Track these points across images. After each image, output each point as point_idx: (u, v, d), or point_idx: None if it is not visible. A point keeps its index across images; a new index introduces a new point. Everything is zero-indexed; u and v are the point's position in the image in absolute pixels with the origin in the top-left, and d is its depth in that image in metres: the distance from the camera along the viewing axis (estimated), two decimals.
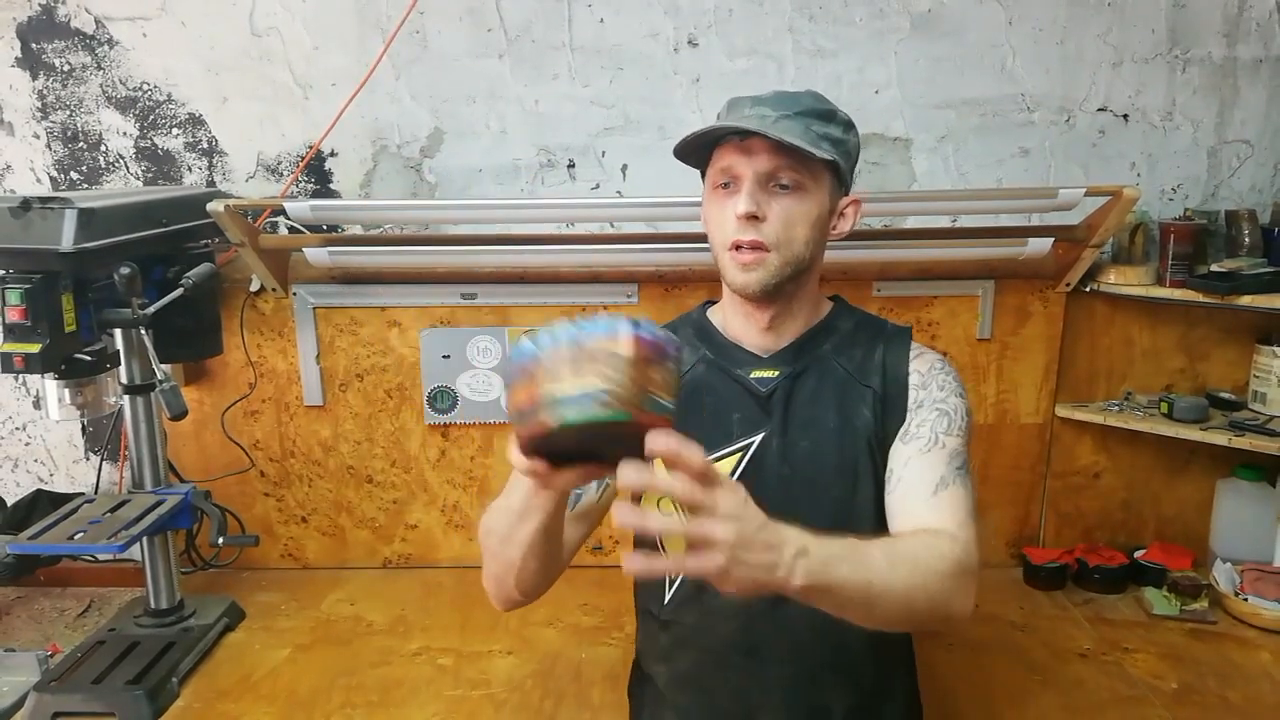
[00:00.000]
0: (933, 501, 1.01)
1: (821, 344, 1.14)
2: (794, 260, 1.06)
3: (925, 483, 1.02)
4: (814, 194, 1.05)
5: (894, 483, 1.06)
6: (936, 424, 1.07)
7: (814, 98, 1.08)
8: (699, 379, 1.15)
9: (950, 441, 1.06)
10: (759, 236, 1.04)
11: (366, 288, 1.74)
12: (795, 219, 1.05)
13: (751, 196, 1.03)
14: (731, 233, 1.05)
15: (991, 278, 1.71)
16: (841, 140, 1.08)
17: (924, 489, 1.02)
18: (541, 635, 1.58)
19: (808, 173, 1.04)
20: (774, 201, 1.04)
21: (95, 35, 1.71)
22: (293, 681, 1.44)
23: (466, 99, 1.73)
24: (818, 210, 1.06)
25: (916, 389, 1.11)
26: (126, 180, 1.79)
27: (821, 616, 1.07)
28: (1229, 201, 1.76)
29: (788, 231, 1.04)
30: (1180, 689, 1.39)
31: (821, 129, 1.05)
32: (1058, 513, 1.83)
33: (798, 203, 1.04)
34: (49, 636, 1.64)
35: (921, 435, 1.07)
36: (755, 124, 1.03)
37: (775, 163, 1.03)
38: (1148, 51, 1.70)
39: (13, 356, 1.29)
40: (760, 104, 1.06)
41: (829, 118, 1.07)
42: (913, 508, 1.02)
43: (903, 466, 1.06)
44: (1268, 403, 1.67)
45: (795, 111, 1.04)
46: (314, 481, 1.83)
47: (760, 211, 1.03)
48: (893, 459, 1.08)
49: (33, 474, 1.90)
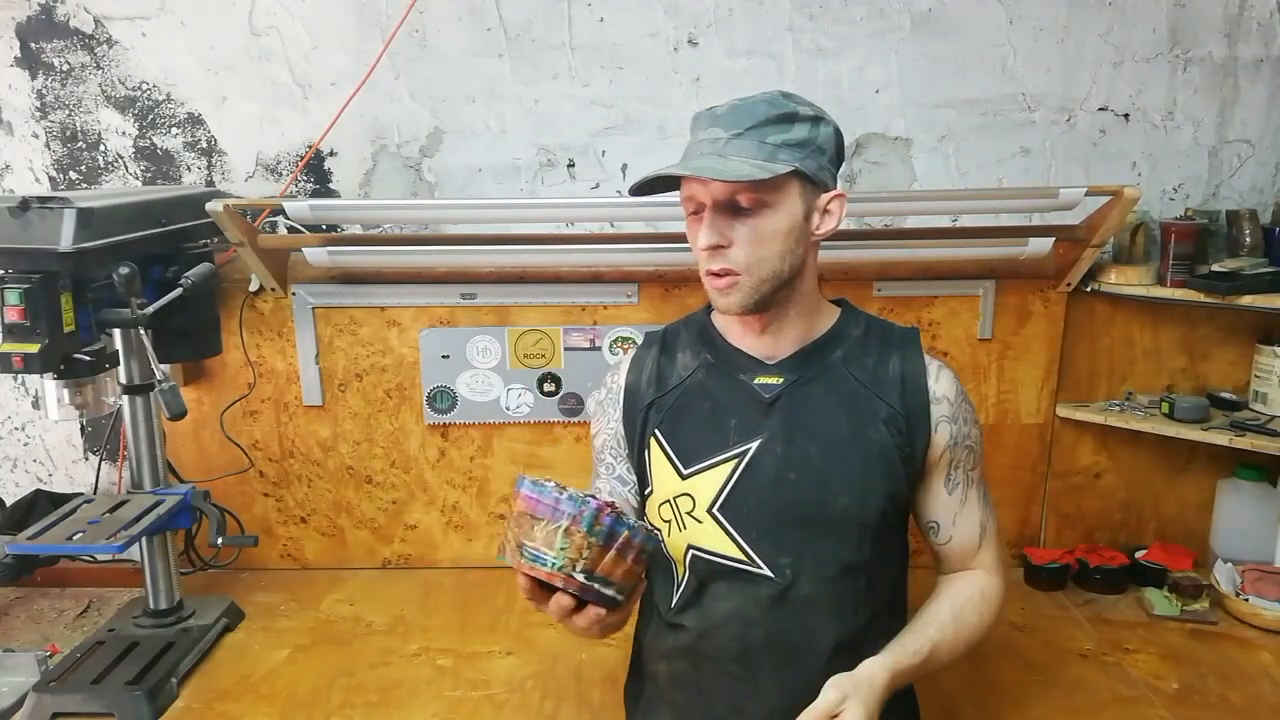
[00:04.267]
0: (981, 553, 1.18)
1: (832, 352, 1.13)
2: (770, 277, 1.05)
3: (973, 537, 1.18)
4: (780, 207, 1.03)
5: (944, 538, 1.18)
6: (966, 464, 1.16)
7: (769, 103, 1.03)
8: (698, 383, 1.15)
9: (976, 476, 1.18)
10: (726, 264, 1.04)
11: (366, 288, 1.74)
12: (762, 238, 1.03)
13: (713, 227, 1.03)
14: (703, 261, 1.06)
15: (992, 277, 1.71)
16: (806, 140, 1.03)
17: (973, 544, 1.18)
18: (541, 636, 1.58)
19: (768, 189, 1.01)
20: (737, 225, 1.03)
21: (94, 35, 1.71)
22: (292, 682, 1.44)
23: (466, 98, 1.73)
24: (788, 222, 1.04)
25: (949, 422, 1.13)
26: (125, 180, 1.78)
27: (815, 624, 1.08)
28: (1230, 201, 1.76)
29: (756, 252, 1.04)
30: (1181, 689, 1.39)
31: (779, 137, 1.02)
32: (1058, 513, 1.83)
33: (762, 221, 1.03)
34: (48, 637, 1.64)
35: (958, 482, 1.16)
36: (706, 149, 1.02)
37: (731, 188, 1.01)
38: (1149, 51, 1.70)
39: (12, 356, 1.29)
40: (715, 123, 1.04)
41: (788, 121, 1.03)
42: (964, 560, 1.19)
43: (951, 525, 1.17)
44: (1269, 403, 1.67)
45: (748, 127, 1.02)
46: (313, 482, 1.83)
47: (724, 239, 1.03)
48: (937, 509, 1.17)
49: (31, 474, 1.90)
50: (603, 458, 1.23)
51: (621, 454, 1.20)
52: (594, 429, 1.26)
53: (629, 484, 1.20)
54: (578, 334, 1.75)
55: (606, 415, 1.22)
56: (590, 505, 0.92)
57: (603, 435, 1.23)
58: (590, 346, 1.76)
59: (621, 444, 1.20)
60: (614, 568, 0.92)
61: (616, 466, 1.21)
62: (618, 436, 1.20)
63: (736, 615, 1.08)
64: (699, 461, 1.11)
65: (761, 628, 1.08)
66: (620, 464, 1.21)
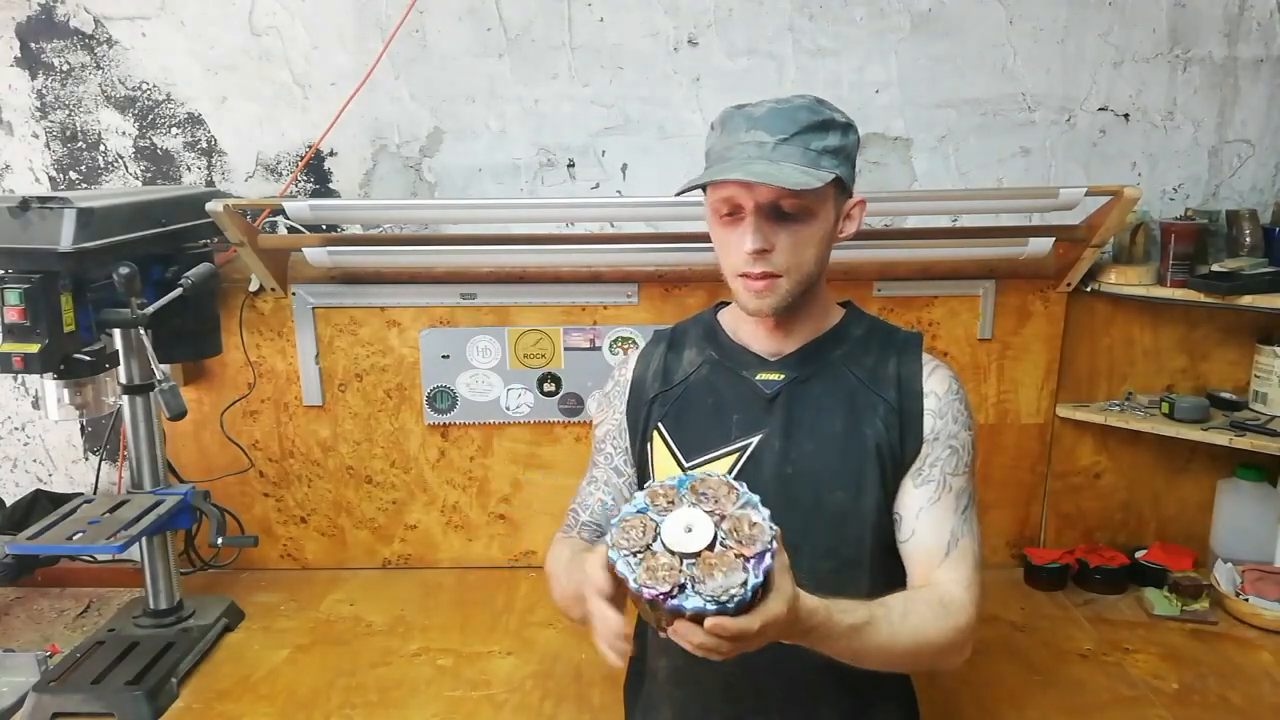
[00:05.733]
0: (945, 564, 1.06)
1: (832, 350, 1.14)
2: (805, 280, 1.06)
3: (939, 543, 1.07)
4: (820, 213, 1.04)
5: (907, 532, 1.09)
6: (946, 464, 1.09)
7: (809, 109, 1.03)
8: (703, 379, 1.16)
9: (956, 482, 1.09)
10: (769, 268, 1.04)
11: (366, 288, 1.74)
12: (803, 243, 1.04)
13: (758, 232, 1.02)
14: (742, 265, 1.05)
15: (992, 277, 1.71)
16: (841, 146, 1.05)
17: (938, 550, 1.07)
18: (541, 636, 1.58)
19: (811, 196, 1.02)
20: (780, 230, 1.03)
21: (94, 35, 1.71)
22: (292, 682, 1.44)
23: (466, 98, 1.73)
24: (824, 228, 1.05)
25: (933, 415, 1.11)
26: (125, 180, 1.78)
27: None
28: (1230, 201, 1.76)
29: (797, 256, 1.04)
30: (1181, 689, 1.39)
31: (820, 143, 1.02)
32: (1058, 513, 1.82)
33: (805, 226, 1.04)
34: (48, 637, 1.64)
35: (932, 478, 1.09)
36: (754, 153, 1.01)
37: (776, 193, 1.01)
38: (1149, 51, 1.70)
39: (12, 356, 1.29)
40: (755, 126, 1.03)
41: (826, 128, 1.03)
42: (926, 568, 1.07)
43: (914, 518, 1.08)
44: (1268, 403, 1.67)
45: (794, 132, 1.01)
46: (313, 482, 1.83)
47: (768, 243, 1.03)
48: (903, 500, 1.10)
49: (31, 474, 1.90)
50: (603, 448, 1.24)
51: (622, 445, 1.21)
52: (597, 420, 1.27)
53: (624, 476, 1.21)
54: (578, 334, 1.75)
55: (612, 406, 1.23)
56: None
57: (606, 425, 1.24)
58: (590, 346, 1.76)
59: (623, 435, 1.21)
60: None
61: (615, 457, 1.22)
62: (621, 428, 1.21)
63: None
64: (701, 455, 1.12)
65: None
66: (619, 455, 1.21)
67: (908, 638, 0.97)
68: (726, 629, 0.79)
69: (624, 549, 0.84)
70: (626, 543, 0.85)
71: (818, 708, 1.09)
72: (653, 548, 0.84)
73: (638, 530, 0.85)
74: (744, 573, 0.81)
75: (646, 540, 0.85)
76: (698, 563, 0.82)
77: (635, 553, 0.84)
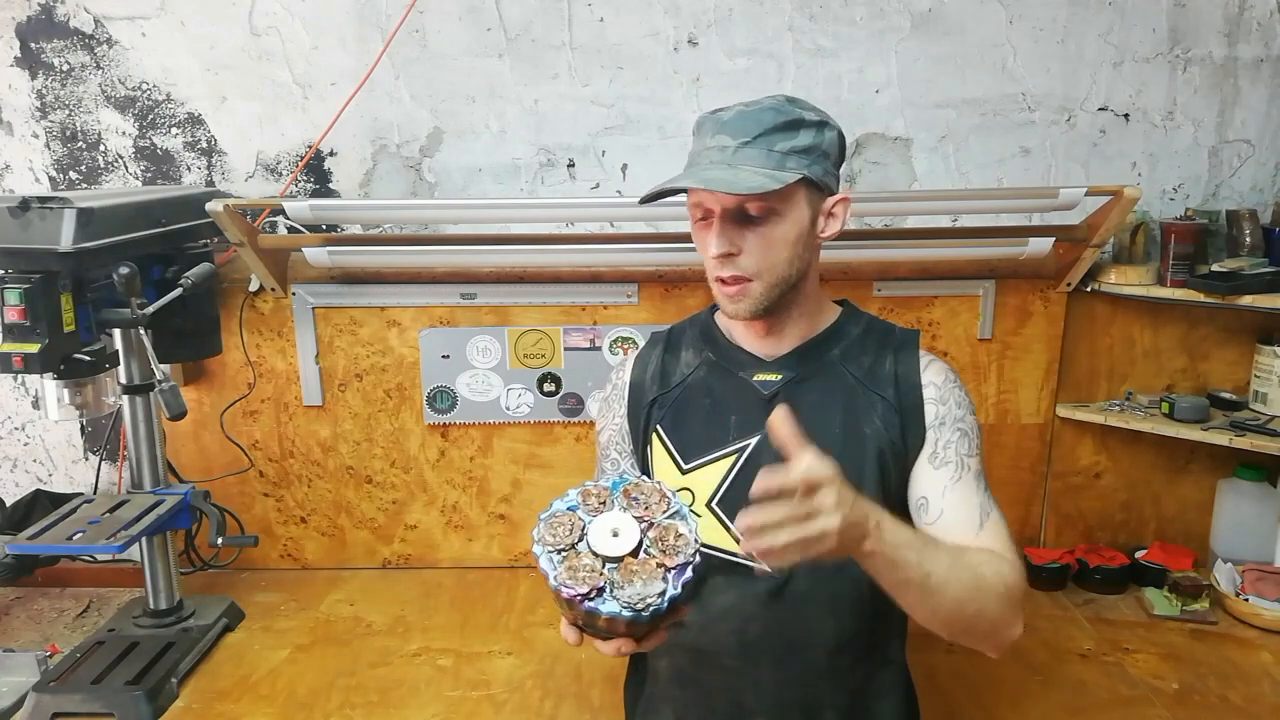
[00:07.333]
0: (982, 535, 1.05)
1: (829, 350, 1.14)
2: (779, 282, 1.06)
3: (970, 516, 1.06)
4: (788, 214, 1.03)
5: (935, 513, 1.07)
6: (960, 446, 1.09)
7: (776, 110, 1.03)
8: (700, 380, 1.16)
9: (973, 464, 1.09)
10: (737, 271, 1.04)
11: (366, 287, 1.74)
12: (772, 245, 1.04)
13: (723, 236, 1.03)
14: (713, 268, 1.06)
15: (992, 277, 1.71)
16: (812, 146, 1.04)
17: (971, 523, 1.06)
18: (541, 635, 1.58)
19: (776, 198, 1.01)
20: (747, 233, 1.03)
21: (94, 35, 1.71)
22: (292, 682, 1.44)
23: (466, 98, 1.73)
24: (795, 229, 1.04)
25: (935, 403, 1.10)
26: (125, 180, 1.78)
27: (814, 618, 1.07)
28: (1230, 201, 1.76)
29: (767, 259, 1.04)
30: (1181, 689, 1.39)
31: (786, 144, 1.02)
32: (1058, 513, 1.83)
33: (771, 229, 1.03)
34: (48, 637, 1.64)
35: (949, 459, 1.08)
36: (715, 158, 1.02)
37: (740, 198, 1.01)
38: (1149, 51, 1.70)
39: (12, 356, 1.29)
40: (721, 130, 1.04)
41: (794, 128, 1.03)
42: (965, 541, 1.04)
43: (940, 497, 1.07)
44: (1269, 403, 1.67)
45: (756, 135, 1.01)
46: (313, 482, 1.83)
47: (734, 247, 1.03)
48: (922, 484, 1.09)
49: (31, 474, 1.90)
50: (608, 454, 1.24)
51: (626, 449, 1.21)
52: (599, 425, 1.27)
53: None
54: (578, 334, 1.75)
55: (612, 411, 1.23)
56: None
57: (608, 431, 1.24)
58: (590, 346, 1.76)
59: (626, 440, 1.21)
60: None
61: (621, 462, 1.22)
62: (622, 432, 1.21)
63: (734, 610, 1.08)
64: (699, 456, 1.11)
65: (759, 623, 1.08)
66: (625, 460, 1.21)
67: (964, 583, 0.94)
68: (771, 486, 0.81)
69: (549, 545, 0.84)
70: (552, 539, 0.84)
71: (818, 708, 1.09)
72: (577, 547, 0.84)
73: (565, 528, 0.85)
74: (663, 583, 0.81)
75: (572, 539, 0.84)
76: (619, 568, 0.82)
77: (559, 550, 0.84)
